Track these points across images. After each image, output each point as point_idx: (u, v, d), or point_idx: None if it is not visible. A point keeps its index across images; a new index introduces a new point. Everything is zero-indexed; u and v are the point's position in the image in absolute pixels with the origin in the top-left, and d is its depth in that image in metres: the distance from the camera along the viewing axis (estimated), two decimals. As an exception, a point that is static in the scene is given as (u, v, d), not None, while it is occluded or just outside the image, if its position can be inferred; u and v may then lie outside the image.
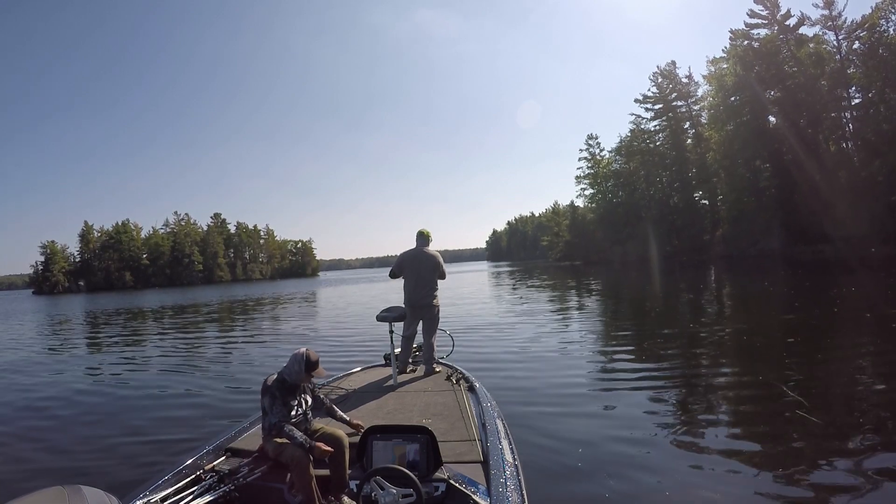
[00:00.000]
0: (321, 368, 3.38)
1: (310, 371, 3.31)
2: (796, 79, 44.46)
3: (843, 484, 3.73)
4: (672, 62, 62.83)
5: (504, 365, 8.51)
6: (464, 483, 2.83)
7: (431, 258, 5.80)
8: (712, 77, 52.12)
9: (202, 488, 2.91)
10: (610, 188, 69.38)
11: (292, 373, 3.32)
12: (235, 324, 20.47)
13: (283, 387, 3.29)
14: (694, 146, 60.01)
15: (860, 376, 6.65)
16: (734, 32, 50.09)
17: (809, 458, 4.23)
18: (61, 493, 1.87)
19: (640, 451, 4.56)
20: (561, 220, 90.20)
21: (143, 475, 4.02)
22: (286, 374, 3.33)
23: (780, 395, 5.84)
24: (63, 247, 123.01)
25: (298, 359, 3.31)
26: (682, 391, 6.60)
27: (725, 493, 3.76)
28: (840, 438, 4.59)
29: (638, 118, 66.13)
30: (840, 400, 5.75)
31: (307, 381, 3.38)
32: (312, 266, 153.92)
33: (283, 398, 3.25)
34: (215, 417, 6.42)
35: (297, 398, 3.35)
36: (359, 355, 9.52)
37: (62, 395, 8.53)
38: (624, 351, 9.56)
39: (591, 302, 20.00)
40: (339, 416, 3.66)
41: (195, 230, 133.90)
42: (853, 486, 3.69)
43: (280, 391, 3.26)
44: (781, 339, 9.29)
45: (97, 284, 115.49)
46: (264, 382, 3.32)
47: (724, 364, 8.14)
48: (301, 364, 3.30)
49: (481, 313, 17.14)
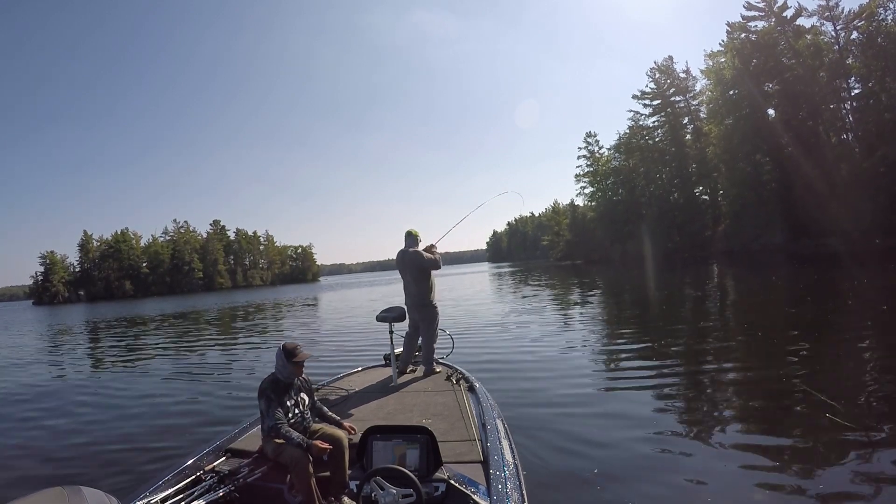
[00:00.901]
0: (302, 353, 3.42)
1: (291, 359, 3.36)
2: (795, 71, 44.17)
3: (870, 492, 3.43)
4: (669, 57, 62.38)
5: (504, 365, 8.47)
6: (464, 483, 2.82)
7: (414, 257, 5.76)
8: (710, 71, 51.77)
9: (202, 489, 2.92)
10: (610, 186, 69.05)
11: (281, 369, 3.39)
12: (236, 330, 20.43)
13: (278, 387, 3.34)
14: (693, 141, 59.62)
15: (889, 375, 6.27)
16: (731, 25, 49.82)
17: (839, 462, 3.99)
18: (61, 494, 1.87)
19: (641, 452, 4.49)
20: (561, 219, 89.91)
21: (143, 476, 4.12)
22: (278, 374, 3.39)
23: (805, 395, 5.52)
24: (63, 257, 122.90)
25: (279, 354, 3.41)
26: (689, 390, 6.43)
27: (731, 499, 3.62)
28: (874, 445, 4.25)
29: (636, 114, 65.89)
30: (871, 401, 5.41)
31: (297, 372, 3.43)
32: (313, 271, 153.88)
33: (278, 399, 3.28)
34: (215, 420, 6.43)
35: (293, 397, 3.40)
36: (359, 356, 9.46)
37: (63, 399, 8.59)
38: (627, 350, 9.38)
39: (593, 300, 19.75)
40: (329, 416, 3.65)
41: (195, 237, 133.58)
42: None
43: (275, 392, 3.29)
44: (797, 335, 8.96)
45: (97, 294, 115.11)
46: (260, 385, 3.36)
47: (737, 361, 7.76)
48: (281, 358, 3.37)
49: (482, 314, 17.03)
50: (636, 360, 8.27)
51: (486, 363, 8.52)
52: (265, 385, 3.32)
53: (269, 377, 3.38)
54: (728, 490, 3.71)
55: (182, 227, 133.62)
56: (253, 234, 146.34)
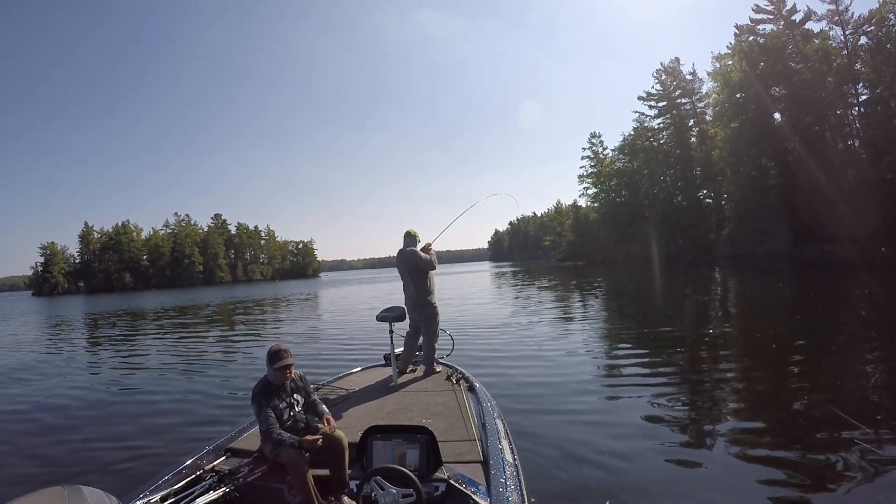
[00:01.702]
0: (287, 357, 3.32)
1: (273, 363, 3.30)
2: (803, 75, 43.81)
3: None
4: (676, 59, 61.95)
5: (504, 365, 8.44)
6: (464, 483, 2.81)
7: (410, 257, 5.76)
8: (717, 73, 51.32)
9: (202, 488, 2.90)
10: (613, 187, 68.74)
11: (269, 372, 3.36)
12: (236, 326, 20.25)
13: (269, 390, 3.30)
14: (698, 144, 59.21)
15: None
16: (739, 28, 49.52)
17: (856, 481, 3.74)
18: (61, 494, 1.86)
19: (642, 452, 4.45)
20: (564, 219, 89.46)
21: (142, 475, 4.11)
22: (269, 376, 3.37)
23: (821, 408, 5.21)
24: (63, 248, 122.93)
25: (266, 357, 3.37)
26: (692, 397, 6.29)
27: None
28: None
29: (641, 116, 65.52)
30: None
31: (281, 377, 3.34)
32: (313, 267, 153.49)
33: (268, 403, 3.25)
34: (215, 420, 6.41)
35: (285, 399, 3.36)
36: (359, 355, 9.37)
37: (61, 397, 8.54)
38: (628, 352, 9.21)
39: (595, 302, 19.54)
40: (320, 410, 3.55)
41: (196, 231, 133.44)
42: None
43: (265, 396, 3.27)
44: (812, 347, 8.67)
45: (97, 286, 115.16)
46: (253, 389, 3.34)
47: (748, 369, 7.47)
48: (267, 361, 3.35)
49: (483, 313, 16.86)
50: (637, 364, 8.15)
51: (486, 363, 8.46)
52: (256, 389, 3.30)
53: (260, 380, 3.36)
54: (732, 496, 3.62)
55: (183, 220, 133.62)
56: (254, 228, 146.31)
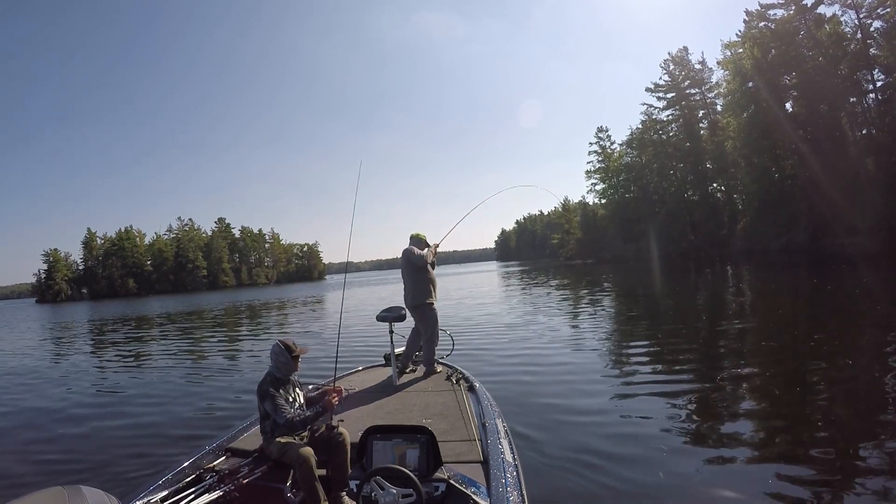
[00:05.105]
0: (300, 347, 3.46)
1: (291, 354, 3.38)
2: (816, 61, 42.38)
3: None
4: (684, 48, 60.39)
5: (504, 364, 8.47)
6: (464, 483, 2.79)
7: (406, 254, 5.77)
8: (727, 62, 49.83)
9: (202, 488, 2.89)
10: (622, 182, 67.41)
11: (280, 366, 3.39)
12: (237, 328, 20.30)
13: (278, 384, 3.32)
14: (709, 136, 57.52)
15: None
16: (750, 14, 47.97)
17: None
18: (61, 494, 1.86)
19: (643, 453, 4.39)
20: (571, 217, 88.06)
21: (143, 475, 4.14)
22: (275, 371, 3.38)
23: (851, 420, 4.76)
24: (66, 255, 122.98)
25: (278, 351, 3.40)
26: (700, 401, 5.99)
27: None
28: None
29: (649, 108, 64.00)
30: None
31: (296, 367, 3.43)
32: (319, 269, 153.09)
33: (282, 396, 3.27)
34: (215, 420, 6.44)
35: (291, 393, 3.40)
36: (359, 355, 9.36)
37: (62, 399, 8.61)
38: (634, 353, 8.98)
39: (605, 301, 18.64)
40: (313, 398, 3.56)
41: (199, 235, 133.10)
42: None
43: (276, 389, 3.27)
44: (839, 351, 7.68)
45: (100, 292, 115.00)
46: (260, 386, 3.31)
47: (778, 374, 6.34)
48: (284, 354, 3.38)
49: (484, 313, 16.58)
50: (644, 365, 7.92)
51: (487, 363, 8.49)
52: (266, 385, 3.29)
53: (267, 377, 3.35)
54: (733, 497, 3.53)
55: (186, 224, 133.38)
56: (258, 231, 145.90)
